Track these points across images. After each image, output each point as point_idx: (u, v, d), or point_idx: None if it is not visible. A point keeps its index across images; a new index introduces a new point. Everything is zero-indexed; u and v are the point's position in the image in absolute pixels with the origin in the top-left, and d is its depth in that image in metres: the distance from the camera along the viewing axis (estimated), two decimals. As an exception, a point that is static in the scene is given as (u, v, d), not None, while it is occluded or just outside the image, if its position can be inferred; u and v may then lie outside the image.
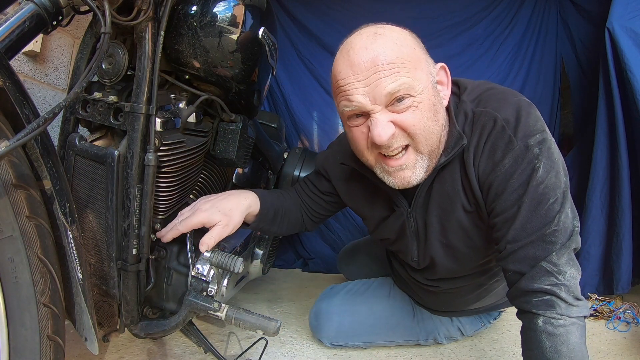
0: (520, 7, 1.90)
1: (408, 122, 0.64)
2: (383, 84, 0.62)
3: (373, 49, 0.63)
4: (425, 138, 0.66)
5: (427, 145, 0.67)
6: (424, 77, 0.66)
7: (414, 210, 0.80)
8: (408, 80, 0.63)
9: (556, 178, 0.64)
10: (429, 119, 0.66)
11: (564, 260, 0.63)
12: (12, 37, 0.57)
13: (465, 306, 1.01)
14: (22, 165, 0.56)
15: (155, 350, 1.01)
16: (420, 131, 0.65)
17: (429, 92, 0.66)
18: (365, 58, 0.63)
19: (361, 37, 0.65)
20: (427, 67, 0.68)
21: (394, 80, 0.62)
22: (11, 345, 0.55)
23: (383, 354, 1.08)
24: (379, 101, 0.64)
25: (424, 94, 0.65)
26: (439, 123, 0.68)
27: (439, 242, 0.80)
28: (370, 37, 0.64)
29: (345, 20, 1.90)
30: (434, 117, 0.67)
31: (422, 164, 0.69)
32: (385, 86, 0.62)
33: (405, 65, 0.63)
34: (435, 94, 0.68)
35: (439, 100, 0.69)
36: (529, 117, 0.66)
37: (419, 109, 0.65)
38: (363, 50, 0.63)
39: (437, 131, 0.68)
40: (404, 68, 0.63)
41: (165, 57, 0.79)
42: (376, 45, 0.63)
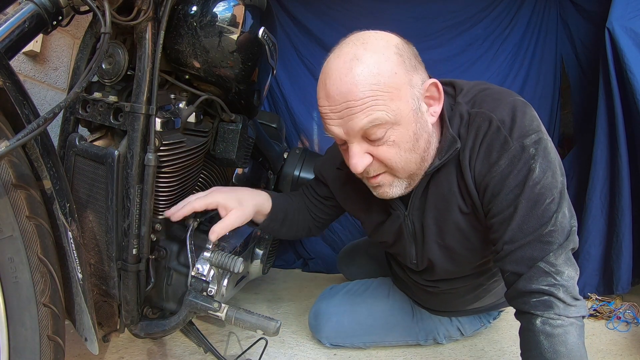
0: (520, 7, 1.90)
1: (384, 157, 0.66)
2: (355, 119, 0.62)
3: (347, 80, 0.61)
4: (403, 168, 0.68)
5: (404, 172, 0.69)
6: (403, 105, 0.63)
7: (410, 213, 0.80)
8: (381, 115, 0.61)
9: (553, 178, 0.64)
10: (406, 151, 0.66)
11: (561, 261, 0.63)
12: (12, 37, 0.57)
13: (464, 306, 1.01)
14: (22, 165, 0.56)
15: (155, 350, 1.01)
16: (396, 164, 0.67)
17: (409, 120, 0.64)
18: (339, 91, 0.62)
19: (338, 63, 0.63)
20: (409, 91, 0.64)
21: (367, 116, 0.61)
22: (11, 345, 0.55)
23: (383, 354, 1.08)
24: (352, 134, 0.64)
25: (401, 125, 0.64)
26: (419, 149, 0.67)
27: (436, 244, 0.80)
28: (348, 63, 0.62)
29: (345, 20, 1.90)
30: (413, 146, 0.66)
31: (399, 183, 0.71)
32: (357, 122, 0.62)
33: (379, 98, 0.61)
34: (416, 120, 0.65)
35: (421, 125, 0.67)
36: (524, 117, 0.65)
37: (395, 143, 0.64)
38: (338, 82, 0.62)
39: (416, 158, 0.68)
40: (378, 101, 0.61)
41: (165, 57, 0.79)
42: (351, 76, 0.61)
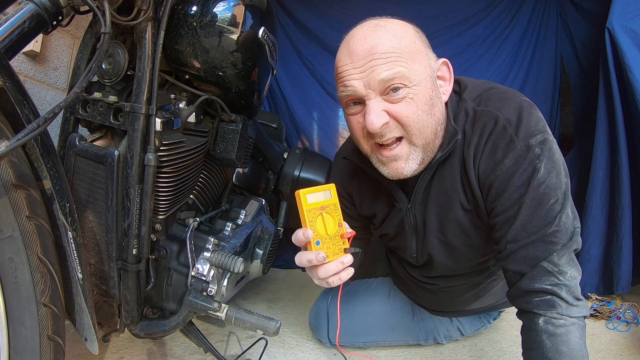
0: (520, 7, 1.90)
1: (402, 113, 0.65)
2: (377, 70, 0.63)
3: (372, 38, 0.64)
4: (419, 131, 0.66)
5: (420, 138, 0.67)
6: (422, 69, 0.66)
7: (413, 207, 0.80)
8: (403, 70, 0.63)
9: (557, 179, 0.64)
10: (423, 112, 0.66)
11: (564, 261, 0.63)
12: (12, 37, 0.57)
13: (463, 306, 1.01)
14: (22, 165, 0.56)
15: (155, 350, 1.01)
16: (413, 123, 0.65)
17: (426, 85, 0.66)
18: (363, 47, 0.64)
19: (362, 29, 0.67)
20: (427, 60, 0.68)
21: (389, 69, 0.63)
22: (11, 345, 0.55)
23: (383, 354, 1.08)
24: (373, 87, 0.64)
25: (420, 86, 0.65)
26: (434, 117, 0.68)
27: (437, 239, 0.80)
28: (371, 28, 0.66)
29: (345, 20, 1.90)
30: (430, 110, 0.67)
31: (415, 156, 0.69)
32: (380, 73, 0.63)
33: (402, 56, 0.64)
34: (433, 88, 0.68)
35: (436, 95, 0.68)
36: (530, 117, 0.66)
37: (413, 101, 0.65)
38: (362, 40, 0.65)
39: (432, 125, 0.67)
40: (400, 58, 0.63)
41: (165, 57, 0.79)
42: (375, 35, 0.64)
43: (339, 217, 0.68)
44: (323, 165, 1.37)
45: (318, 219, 0.66)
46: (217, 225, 0.97)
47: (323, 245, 0.66)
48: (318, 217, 0.66)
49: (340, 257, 0.66)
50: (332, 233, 0.67)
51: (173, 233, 0.88)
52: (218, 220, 0.98)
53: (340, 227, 0.68)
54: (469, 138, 0.70)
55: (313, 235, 0.65)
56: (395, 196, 0.82)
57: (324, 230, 0.66)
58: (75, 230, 0.61)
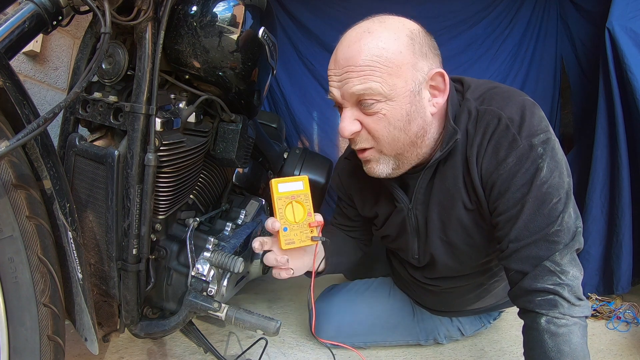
0: (520, 7, 1.90)
1: (371, 127, 0.67)
2: (350, 83, 0.65)
3: (353, 48, 0.64)
4: (389, 144, 0.69)
5: (391, 150, 0.70)
6: (401, 84, 0.64)
7: (414, 207, 0.80)
8: (376, 86, 0.63)
9: (560, 178, 0.64)
10: (395, 128, 0.67)
11: (566, 260, 0.63)
12: (12, 37, 0.57)
13: (465, 306, 1.01)
14: (22, 165, 0.56)
15: (155, 350, 1.01)
16: (383, 137, 0.68)
17: (403, 100, 0.65)
18: (344, 56, 0.65)
19: (352, 33, 0.67)
20: (412, 73, 0.65)
21: (361, 83, 0.64)
22: (11, 345, 0.55)
23: (383, 354, 1.08)
24: (347, 98, 0.67)
25: (395, 102, 0.65)
26: (409, 132, 0.68)
27: (439, 239, 0.80)
28: (359, 35, 0.66)
29: (345, 20, 1.89)
30: (405, 126, 0.67)
31: (385, 161, 0.71)
32: (352, 86, 0.65)
33: (378, 70, 0.63)
34: (412, 103, 0.66)
35: (416, 109, 0.67)
36: (533, 117, 0.66)
37: (386, 117, 0.66)
38: (345, 48, 0.66)
39: (405, 139, 0.68)
40: (375, 73, 0.63)
41: (165, 57, 0.79)
42: (358, 45, 0.64)
43: (309, 207, 0.71)
44: (323, 165, 1.37)
45: (288, 207, 0.69)
46: (217, 225, 0.97)
47: (290, 231, 0.69)
48: (288, 205, 0.69)
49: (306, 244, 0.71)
50: (300, 221, 0.70)
51: (173, 233, 0.88)
52: (218, 220, 0.98)
53: (310, 216, 0.71)
54: (472, 137, 0.70)
55: (281, 222, 0.68)
56: (396, 196, 0.82)
57: (292, 217, 0.70)
58: (75, 230, 0.61)
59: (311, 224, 0.71)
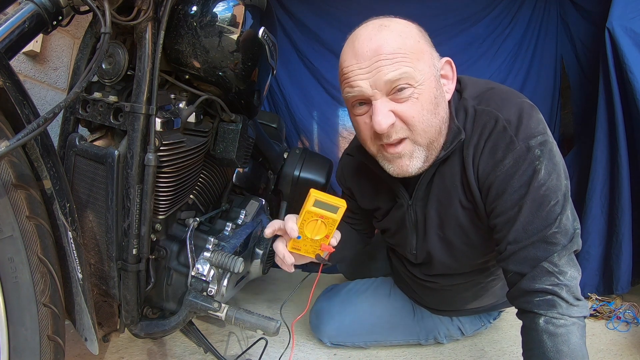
0: (520, 7, 1.90)
1: (407, 113, 0.65)
2: (384, 71, 0.63)
3: (377, 39, 0.64)
4: (424, 130, 0.67)
5: (425, 137, 0.68)
6: (427, 69, 0.66)
7: (414, 203, 0.81)
8: (409, 70, 0.63)
9: (557, 180, 0.65)
10: (428, 112, 0.66)
11: (564, 261, 0.63)
12: (12, 37, 0.57)
13: (463, 305, 1.01)
14: (22, 165, 0.56)
15: (155, 350, 1.01)
16: (419, 123, 0.66)
17: (431, 84, 0.66)
18: (369, 47, 0.64)
19: (367, 29, 0.67)
20: (431, 59, 0.68)
21: (395, 69, 0.63)
22: (11, 345, 0.55)
23: (383, 353, 1.08)
24: (379, 87, 0.64)
25: (424, 86, 0.65)
26: (439, 116, 0.68)
27: (436, 236, 0.81)
28: (376, 28, 0.66)
29: (345, 19, 1.90)
30: (434, 110, 0.67)
31: (419, 154, 0.69)
32: (386, 73, 0.63)
33: (407, 56, 0.64)
34: (437, 87, 0.68)
35: (440, 94, 0.69)
36: (530, 119, 0.66)
37: (419, 101, 0.65)
38: (367, 41, 0.65)
39: (437, 124, 0.68)
40: (406, 58, 0.64)
41: (165, 57, 0.79)
42: (380, 35, 0.64)
43: (331, 232, 0.71)
44: (323, 165, 1.37)
45: (311, 223, 0.69)
46: (217, 225, 0.97)
47: (302, 241, 0.71)
48: (313, 221, 0.69)
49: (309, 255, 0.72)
50: (315, 239, 0.71)
51: (173, 233, 0.88)
52: (218, 220, 0.98)
53: (327, 238, 0.71)
54: (469, 137, 0.70)
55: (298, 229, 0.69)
56: (397, 193, 0.82)
57: (311, 233, 0.70)
58: (75, 230, 0.61)
59: (323, 245, 0.72)
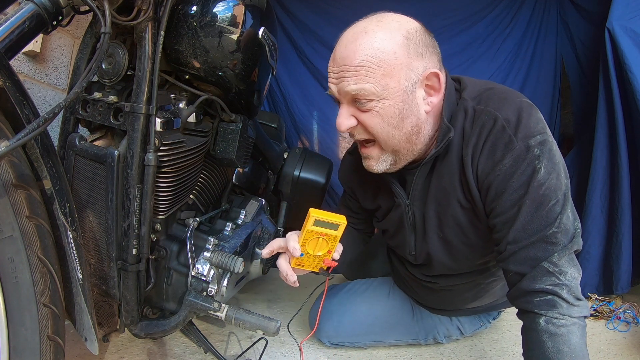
0: (520, 7, 1.90)
1: (367, 123, 0.70)
2: (345, 82, 0.67)
3: (350, 48, 0.66)
4: (385, 141, 0.71)
5: (388, 146, 0.72)
6: (394, 84, 0.66)
7: (411, 203, 0.81)
8: (369, 87, 0.65)
9: (557, 180, 0.64)
10: (389, 125, 0.69)
11: (564, 261, 0.63)
12: (12, 37, 0.57)
13: (463, 305, 1.01)
14: (22, 165, 0.56)
15: (155, 350, 1.01)
16: (378, 134, 0.70)
17: (396, 99, 0.67)
18: (341, 55, 0.68)
19: (350, 32, 0.69)
20: (405, 73, 0.66)
21: (355, 83, 0.66)
22: (11, 345, 0.55)
23: (383, 353, 1.08)
24: (342, 95, 0.69)
25: (388, 100, 0.67)
26: (403, 129, 0.69)
27: (436, 236, 0.81)
28: (356, 34, 0.67)
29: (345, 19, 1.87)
30: (398, 123, 0.69)
31: (385, 158, 0.74)
32: (347, 85, 0.67)
33: (372, 71, 0.65)
34: (405, 102, 0.67)
35: (409, 108, 0.68)
36: (530, 119, 0.65)
37: (379, 114, 0.68)
38: (343, 47, 0.68)
39: (400, 136, 0.70)
40: (369, 73, 0.65)
41: (165, 57, 0.79)
42: (354, 45, 0.66)
43: (332, 248, 0.74)
44: (323, 165, 1.37)
45: (313, 241, 0.73)
46: (217, 225, 0.97)
47: (304, 258, 0.74)
48: (314, 239, 0.72)
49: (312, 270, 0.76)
50: (318, 255, 0.74)
51: (173, 233, 0.88)
52: (218, 220, 0.98)
53: (329, 253, 0.74)
54: (468, 136, 0.70)
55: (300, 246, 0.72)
56: (394, 191, 0.83)
57: (312, 250, 0.74)
58: (75, 230, 0.61)
59: (325, 261, 0.75)
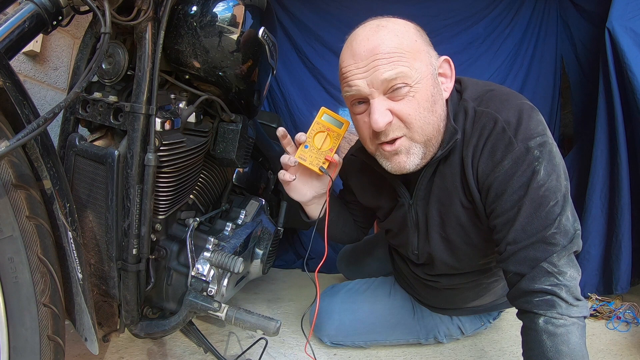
0: (520, 7, 1.90)
1: (404, 112, 0.67)
2: (380, 70, 0.65)
3: (374, 39, 0.66)
4: (421, 128, 0.68)
5: (422, 134, 0.69)
6: (423, 68, 0.67)
7: (415, 203, 0.82)
8: (405, 70, 0.65)
9: (557, 181, 0.65)
10: (425, 109, 0.67)
11: (564, 262, 0.63)
12: (12, 37, 0.57)
13: (464, 304, 1.01)
14: (22, 165, 0.56)
15: (155, 350, 1.01)
16: (415, 121, 0.67)
17: (427, 82, 0.68)
18: (366, 48, 0.66)
19: (364, 29, 0.68)
20: (428, 58, 0.69)
21: (392, 69, 0.64)
22: (11, 345, 0.55)
23: (383, 353, 1.08)
24: (376, 86, 0.66)
25: (421, 84, 0.67)
26: (436, 114, 0.69)
27: (438, 235, 0.81)
28: (373, 28, 0.67)
29: (345, 19, 1.90)
30: (431, 107, 0.68)
31: (416, 150, 0.70)
32: (383, 72, 0.65)
33: (404, 56, 0.65)
34: (434, 85, 0.69)
35: (438, 92, 0.70)
36: (530, 120, 0.66)
37: (415, 99, 0.66)
38: (365, 41, 0.67)
39: (434, 121, 0.69)
40: (402, 58, 0.65)
41: (165, 57, 0.79)
42: (377, 35, 0.66)
43: (335, 145, 0.78)
44: (323, 165, 1.37)
45: (319, 134, 0.77)
46: (217, 225, 0.97)
47: (308, 150, 0.78)
48: (320, 132, 0.77)
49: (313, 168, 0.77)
50: (322, 149, 0.78)
51: (173, 233, 0.88)
52: (218, 220, 0.98)
53: (332, 151, 0.78)
54: (468, 138, 0.70)
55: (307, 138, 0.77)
56: (398, 192, 0.83)
57: (318, 143, 0.78)
58: (75, 230, 0.61)
59: (327, 157, 0.78)
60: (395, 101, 0.67)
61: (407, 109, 0.66)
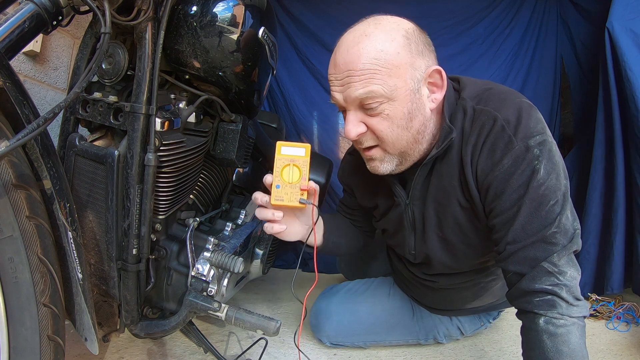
0: (520, 7, 1.90)
1: (376, 128, 0.69)
2: (352, 87, 0.66)
3: (353, 52, 0.65)
4: (393, 144, 0.70)
5: (395, 149, 0.71)
6: (400, 84, 0.66)
7: (411, 202, 0.81)
8: (377, 89, 0.65)
9: (557, 180, 0.64)
10: (398, 127, 0.68)
11: (564, 261, 0.63)
12: (12, 37, 0.57)
13: (463, 304, 1.01)
14: (22, 165, 0.56)
15: (155, 350, 1.01)
16: (387, 137, 0.69)
17: (404, 99, 0.67)
18: (344, 60, 0.66)
19: (349, 36, 0.68)
20: (410, 72, 0.66)
21: (363, 87, 0.65)
22: (11, 345, 0.55)
23: (383, 353, 1.08)
24: (350, 101, 0.68)
25: (396, 102, 0.66)
26: (411, 130, 0.69)
27: (435, 235, 0.81)
28: (357, 38, 0.66)
29: (345, 19, 1.88)
30: (406, 124, 0.68)
31: (390, 159, 0.73)
32: (355, 90, 0.66)
33: (378, 72, 0.64)
34: (412, 101, 0.68)
35: (417, 107, 0.68)
36: (529, 119, 0.65)
37: (389, 117, 0.67)
38: (344, 53, 0.66)
39: (408, 137, 0.70)
40: (376, 75, 0.64)
41: (165, 57, 0.79)
42: (356, 48, 0.65)
43: (305, 173, 0.74)
44: (323, 165, 1.37)
45: (285, 168, 0.73)
46: (217, 225, 0.97)
47: (282, 190, 0.74)
48: (286, 166, 0.73)
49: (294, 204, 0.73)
50: (294, 182, 0.74)
51: (173, 233, 0.88)
52: (218, 220, 0.98)
53: (304, 180, 0.74)
54: (467, 136, 0.70)
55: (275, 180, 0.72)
56: (394, 191, 0.83)
57: (287, 178, 0.74)
58: (75, 230, 0.61)
59: (302, 187, 0.74)
60: (369, 115, 0.68)
61: (379, 126, 0.68)
